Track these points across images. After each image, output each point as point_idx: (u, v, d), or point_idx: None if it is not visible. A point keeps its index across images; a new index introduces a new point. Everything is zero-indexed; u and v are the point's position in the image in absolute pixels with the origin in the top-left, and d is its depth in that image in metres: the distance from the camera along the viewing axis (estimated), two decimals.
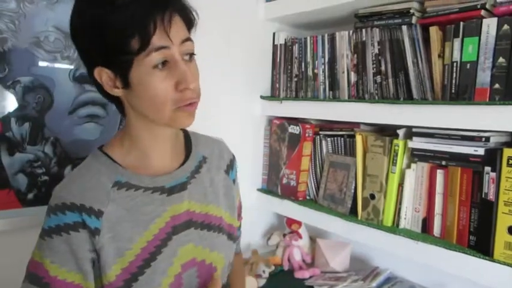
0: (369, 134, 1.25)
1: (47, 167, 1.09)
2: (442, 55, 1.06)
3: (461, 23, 1.01)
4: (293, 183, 1.44)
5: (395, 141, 1.16)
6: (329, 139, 1.40)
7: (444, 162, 1.07)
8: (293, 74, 1.48)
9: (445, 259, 1.03)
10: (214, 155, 0.91)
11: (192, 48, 0.73)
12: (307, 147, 1.43)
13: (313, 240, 1.57)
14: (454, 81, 1.03)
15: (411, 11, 1.12)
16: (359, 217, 1.24)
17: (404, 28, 1.13)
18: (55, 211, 0.70)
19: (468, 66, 1.00)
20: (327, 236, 1.57)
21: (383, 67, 1.20)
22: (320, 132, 1.43)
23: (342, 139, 1.36)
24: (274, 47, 1.54)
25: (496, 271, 0.95)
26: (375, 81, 1.22)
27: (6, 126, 1.02)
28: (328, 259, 1.43)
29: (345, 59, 1.30)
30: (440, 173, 1.09)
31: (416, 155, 1.13)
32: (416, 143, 1.12)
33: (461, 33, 1.01)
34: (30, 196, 1.07)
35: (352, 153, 1.31)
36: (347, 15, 1.35)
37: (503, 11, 0.97)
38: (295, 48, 1.46)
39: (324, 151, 1.41)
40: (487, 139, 0.99)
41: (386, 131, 1.30)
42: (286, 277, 1.45)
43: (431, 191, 1.11)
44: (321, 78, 1.38)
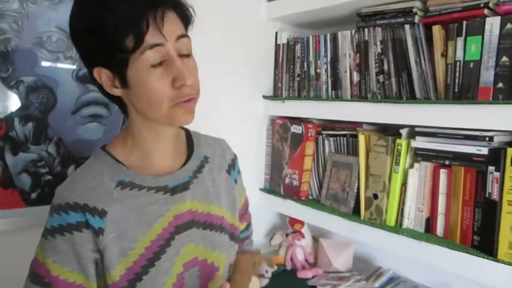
0: (371, 134, 1.24)
1: (51, 167, 1.09)
2: (445, 54, 1.06)
3: (464, 22, 1.01)
4: (296, 183, 1.44)
5: (398, 140, 1.16)
6: (332, 139, 1.39)
7: (447, 162, 1.07)
8: (295, 74, 1.48)
9: (449, 259, 1.03)
10: (216, 154, 0.91)
11: (188, 44, 0.72)
12: (310, 147, 1.43)
13: (315, 240, 1.56)
14: (457, 80, 1.03)
15: (414, 10, 1.12)
16: (362, 217, 1.24)
17: (407, 27, 1.12)
18: (58, 211, 0.69)
19: (471, 65, 1.00)
20: (330, 236, 1.57)
21: (386, 66, 1.19)
22: (323, 131, 1.43)
23: (345, 139, 1.36)
24: (277, 46, 1.54)
25: (500, 271, 0.94)
26: (378, 81, 1.22)
27: (9, 126, 1.03)
28: (331, 259, 1.43)
29: (347, 59, 1.30)
30: (443, 172, 1.09)
31: (420, 155, 1.12)
32: (420, 143, 1.12)
33: (465, 32, 1.01)
34: (34, 196, 1.07)
35: (354, 152, 1.31)
36: (349, 15, 1.35)
37: (506, 10, 0.96)
38: (298, 47, 1.46)
39: (327, 151, 1.40)
40: (491, 138, 0.99)
41: (389, 131, 1.30)
42: (289, 277, 1.45)
43: (434, 190, 1.10)
44: (323, 77, 1.38)
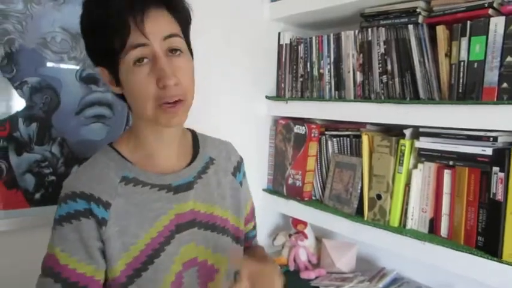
0: (375, 134, 1.24)
1: (54, 167, 1.10)
2: (449, 54, 1.05)
3: (469, 22, 1.00)
4: (299, 184, 1.44)
5: (401, 141, 1.15)
6: (335, 139, 1.39)
7: (451, 162, 1.07)
8: (298, 74, 1.48)
9: (453, 260, 1.02)
10: (222, 157, 0.91)
11: (179, 43, 0.72)
12: (313, 148, 1.42)
13: (319, 240, 1.56)
14: (461, 80, 1.02)
15: (417, 10, 1.12)
16: (365, 217, 1.24)
17: (410, 27, 1.12)
18: (66, 200, 0.71)
19: (475, 65, 0.99)
20: (333, 237, 1.57)
21: (389, 67, 1.19)
22: (326, 132, 1.43)
23: (348, 139, 1.36)
24: (280, 47, 1.54)
25: (504, 272, 0.94)
26: (381, 81, 1.21)
27: (13, 126, 1.03)
28: (334, 260, 1.43)
29: (350, 59, 1.30)
30: (447, 173, 1.08)
31: (423, 155, 1.12)
32: (423, 143, 1.12)
33: (469, 32, 1.00)
34: (38, 196, 1.08)
35: (358, 153, 1.31)
36: (353, 15, 1.34)
37: (511, 10, 0.96)
38: (301, 48, 1.46)
39: (330, 151, 1.40)
40: (495, 139, 0.98)
41: (393, 131, 1.29)
42: (292, 277, 1.45)
43: (438, 191, 1.10)
44: (326, 78, 1.38)
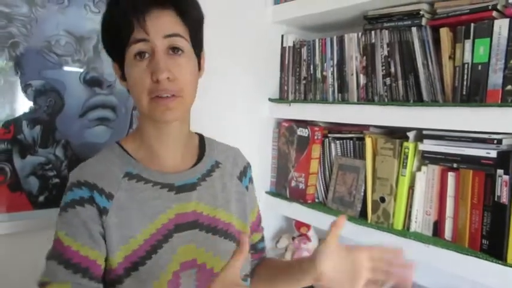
0: (378, 137, 1.24)
1: (58, 170, 1.10)
2: (452, 57, 1.05)
3: (472, 24, 1.00)
4: (302, 186, 1.44)
5: (405, 143, 1.15)
6: (338, 142, 1.39)
7: (455, 165, 1.06)
8: (301, 77, 1.48)
9: (457, 263, 1.02)
10: (229, 161, 0.91)
11: (178, 43, 0.74)
12: (316, 150, 1.42)
13: (322, 243, 1.55)
14: (465, 83, 1.02)
15: (421, 12, 1.11)
16: (369, 220, 1.23)
17: (414, 30, 1.12)
18: (71, 188, 0.74)
19: (479, 67, 0.99)
20: None
21: (392, 69, 1.19)
22: (329, 134, 1.42)
23: (351, 142, 1.36)
24: (283, 49, 1.54)
25: (509, 275, 0.93)
26: (385, 83, 1.21)
27: (18, 129, 1.03)
28: None
29: (354, 61, 1.30)
30: (451, 175, 1.08)
31: (427, 158, 1.12)
32: (427, 146, 1.11)
33: (472, 35, 1.00)
34: (42, 199, 1.08)
35: (361, 155, 1.30)
36: (356, 17, 1.34)
37: None
38: (304, 50, 1.46)
39: (333, 154, 1.40)
40: (499, 141, 0.98)
41: (396, 134, 1.29)
42: None
43: (442, 193, 1.10)
44: (329, 80, 1.37)
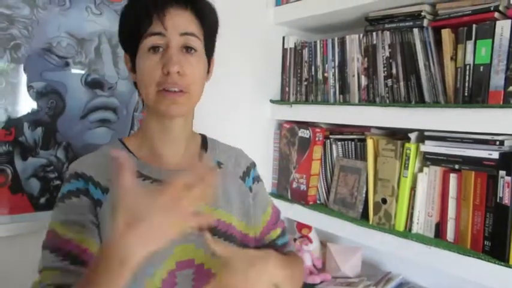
0: (380, 138, 1.24)
1: (59, 172, 1.10)
2: (454, 58, 1.05)
3: (474, 26, 1.00)
4: (303, 188, 1.44)
5: (407, 144, 1.15)
6: (339, 143, 1.39)
7: (457, 166, 1.06)
8: (303, 78, 1.48)
9: (459, 264, 1.02)
10: (230, 162, 0.91)
11: (192, 42, 0.76)
12: (318, 151, 1.42)
13: (323, 244, 1.55)
14: (467, 84, 1.02)
15: (422, 13, 1.11)
16: (370, 222, 1.23)
17: (415, 31, 1.12)
18: (69, 179, 0.76)
19: (481, 69, 0.99)
20: (338, 241, 1.56)
21: (394, 70, 1.19)
22: (330, 136, 1.42)
23: (353, 143, 1.35)
24: (284, 50, 1.54)
25: (511, 277, 0.93)
26: (386, 85, 1.21)
27: (19, 131, 1.03)
28: (339, 264, 1.42)
29: (355, 63, 1.30)
30: (453, 177, 1.07)
31: (429, 159, 1.11)
32: (429, 147, 1.11)
33: (474, 36, 1.00)
34: (43, 200, 1.08)
35: (363, 157, 1.30)
36: (357, 19, 1.34)
37: None
38: (305, 52, 1.46)
39: (335, 155, 1.40)
40: (501, 143, 0.98)
41: (398, 135, 1.29)
42: None
43: (444, 195, 1.09)
44: (331, 81, 1.37)
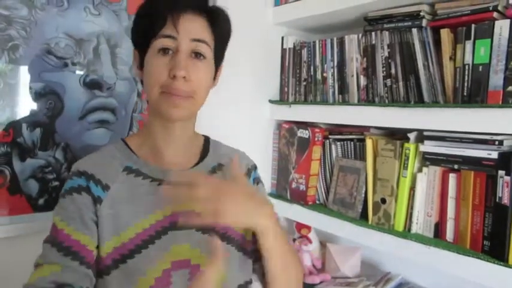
0: (379, 138, 1.24)
1: (58, 173, 1.10)
2: (453, 58, 1.05)
3: (473, 25, 1.00)
4: (302, 188, 1.43)
5: (406, 144, 1.15)
6: (339, 143, 1.39)
7: (456, 166, 1.06)
8: (302, 78, 1.47)
9: (458, 264, 1.02)
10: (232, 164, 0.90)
11: (202, 49, 0.78)
12: (317, 152, 1.42)
13: (323, 245, 1.55)
14: (466, 84, 1.02)
15: (421, 13, 1.11)
16: (370, 222, 1.23)
17: (414, 31, 1.12)
18: (71, 177, 0.77)
19: (480, 68, 0.99)
20: (337, 241, 1.56)
21: (393, 70, 1.19)
22: (329, 136, 1.42)
23: (352, 143, 1.35)
24: (283, 51, 1.54)
25: (511, 276, 0.92)
26: (385, 85, 1.21)
27: (17, 132, 1.03)
28: (338, 264, 1.42)
29: (354, 63, 1.29)
30: (452, 177, 1.07)
31: (428, 159, 1.11)
32: (428, 147, 1.11)
33: (473, 36, 1.00)
34: (41, 201, 1.07)
35: (362, 157, 1.30)
36: (356, 19, 1.34)
37: None
38: (304, 52, 1.46)
39: (334, 155, 1.40)
40: (501, 142, 0.98)
41: (397, 135, 1.29)
42: None
43: (443, 195, 1.09)
44: (330, 81, 1.37)
